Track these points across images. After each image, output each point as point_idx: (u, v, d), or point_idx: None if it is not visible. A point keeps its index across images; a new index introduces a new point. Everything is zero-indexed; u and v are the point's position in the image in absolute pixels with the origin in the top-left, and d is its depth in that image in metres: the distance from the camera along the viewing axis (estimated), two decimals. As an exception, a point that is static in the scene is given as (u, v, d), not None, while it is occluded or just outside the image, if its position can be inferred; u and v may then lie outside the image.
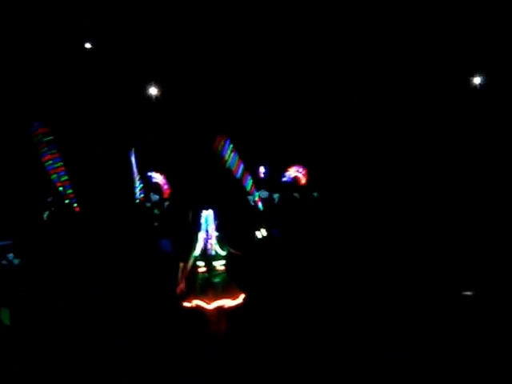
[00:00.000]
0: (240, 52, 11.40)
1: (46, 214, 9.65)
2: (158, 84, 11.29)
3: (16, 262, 8.53)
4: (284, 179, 10.62)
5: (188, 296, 7.41)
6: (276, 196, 10.91)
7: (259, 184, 10.91)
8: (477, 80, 11.62)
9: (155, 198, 10.06)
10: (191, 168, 10.95)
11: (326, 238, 9.96)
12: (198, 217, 7.86)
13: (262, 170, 11.01)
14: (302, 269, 9.28)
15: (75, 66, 10.77)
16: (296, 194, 10.29)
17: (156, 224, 9.90)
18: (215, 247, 7.62)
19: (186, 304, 7.39)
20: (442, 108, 11.34)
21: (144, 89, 11.31)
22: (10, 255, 8.53)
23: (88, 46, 10.66)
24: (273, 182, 11.07)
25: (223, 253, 7.61)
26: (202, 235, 7.69)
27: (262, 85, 11.63)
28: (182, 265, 7.70)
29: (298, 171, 10.49)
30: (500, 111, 11.13)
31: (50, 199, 9.87)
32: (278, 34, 11.46)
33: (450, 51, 11.28)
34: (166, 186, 10.40)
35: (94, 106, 11.21)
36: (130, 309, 8.42)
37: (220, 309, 7.37)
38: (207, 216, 7.76)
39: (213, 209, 7.84)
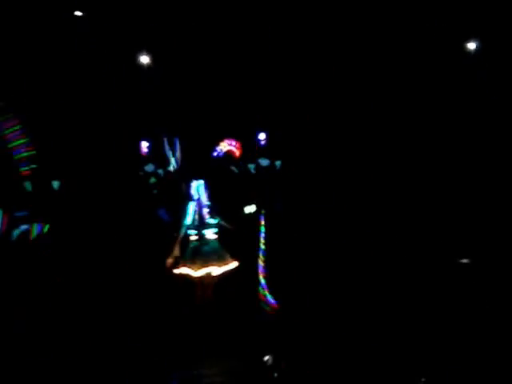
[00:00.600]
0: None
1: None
2: (151, 52, 11.18)
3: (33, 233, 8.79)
4: (215, 154, 10.26)
5: (178, 263, 7.66)
6: (278, 163, 10.87)
7: (259, 151, 10.86)
8: (472, 45, 11.08)
9: (150, 168, 10.13)
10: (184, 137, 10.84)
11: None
12: (189, 186, 8.00)
13: (262, 136, 10.93)
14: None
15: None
16: (233, 168, 10.06)
17: (155, 192, 9.99)
18: (206, 216, 7.83)
19: (175, 271, 7.65)
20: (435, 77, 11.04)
21: (136, 57, 11.18)
22: (26, 226, 8.68)
23: (78, 13, 10.59)
24: (274, 148, 11.00)
25: (214, 221, 7.82)
26: (193, 205, 7.87)
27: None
28: (175, 235, 7.86)
29: (230, 145, 10.24)
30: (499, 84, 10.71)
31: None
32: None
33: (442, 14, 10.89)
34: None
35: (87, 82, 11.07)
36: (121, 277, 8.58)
37: (207, 277, 7.58)
38: (198, 186, 7.90)
39: (204, 179, 7.94)
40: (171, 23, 11.03)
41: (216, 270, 7.60)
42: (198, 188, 7.92)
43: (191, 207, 7.80)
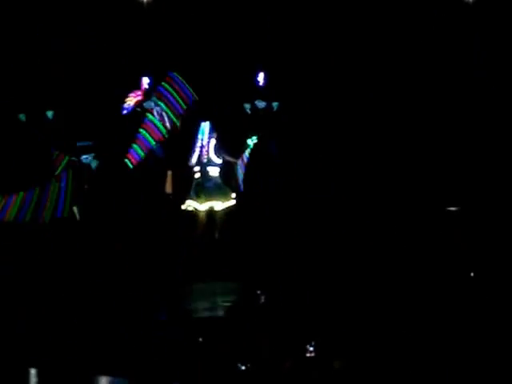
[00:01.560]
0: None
1: None
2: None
3: (94, 163, 8.97)
4: (125, 112, 10.19)
5: (184, 198, 8.44)
6: (275, 105, 10.87)
7: (257, 93, 10.86)
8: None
9: (150, 105, 10.14)
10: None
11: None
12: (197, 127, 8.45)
13: (261, 76, 10.88)
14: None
15: None
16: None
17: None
18: (211, 155, 8.43)
19: (182, 206, 8.43)
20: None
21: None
22: (89, 156, 8.92)
23: None
24: (272, 89, 10.97)
25: (218, 160, 8.45)
26: (198, 144, 8.50)
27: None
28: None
29: (136, 96, 10.19)
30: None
31: None
32: None
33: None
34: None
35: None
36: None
37: (211, 211, 8.32)
38: (204, 126, 8.50)
39: (210, 120, 8.54)
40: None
41: (219, 205, 8.29)
42: (203, 129, 8.47)
43: (197, 146, 8.41)
